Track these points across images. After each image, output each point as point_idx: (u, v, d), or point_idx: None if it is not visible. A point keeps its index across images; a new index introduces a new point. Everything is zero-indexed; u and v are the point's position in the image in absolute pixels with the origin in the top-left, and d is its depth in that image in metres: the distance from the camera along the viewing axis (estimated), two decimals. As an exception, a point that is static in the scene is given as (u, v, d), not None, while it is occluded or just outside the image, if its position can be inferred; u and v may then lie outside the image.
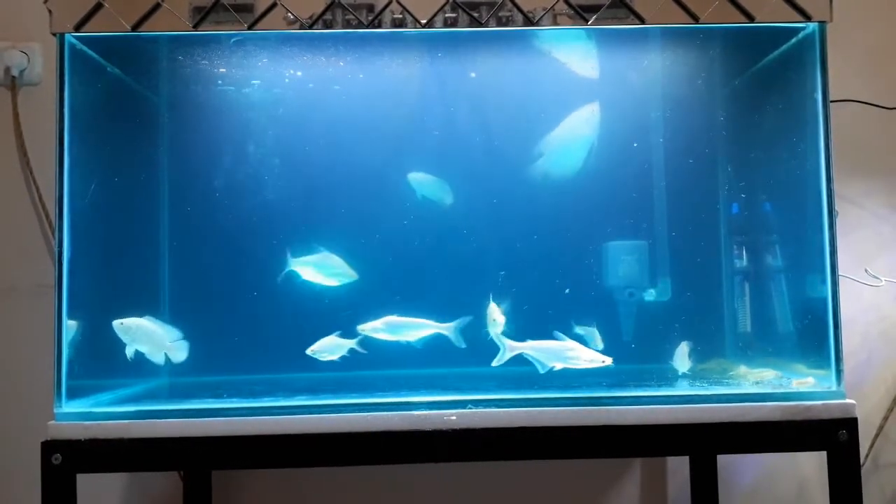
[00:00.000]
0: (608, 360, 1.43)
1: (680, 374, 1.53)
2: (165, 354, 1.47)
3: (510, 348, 1.45)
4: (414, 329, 1.53)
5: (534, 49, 1.68)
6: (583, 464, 1.90)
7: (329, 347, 1.49)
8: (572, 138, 1.68)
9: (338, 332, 1.51)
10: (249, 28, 1.38)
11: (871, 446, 1.88)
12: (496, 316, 1.47)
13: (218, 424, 1.30)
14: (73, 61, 1.39)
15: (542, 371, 1.44)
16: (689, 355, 1.55)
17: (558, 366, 1.44)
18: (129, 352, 1.43)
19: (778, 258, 1.66)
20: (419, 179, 1.68)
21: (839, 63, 1.48)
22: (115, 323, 1.43)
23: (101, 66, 1.52)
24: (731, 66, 1.71)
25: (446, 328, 1.53)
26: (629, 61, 1.72)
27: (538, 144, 1.68)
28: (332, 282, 1.59)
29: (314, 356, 1.49)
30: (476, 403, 1.33)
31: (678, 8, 1.37)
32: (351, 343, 1.50)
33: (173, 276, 1.73)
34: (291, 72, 1.71)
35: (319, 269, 1.60)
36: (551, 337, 1.45)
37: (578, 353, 1.44)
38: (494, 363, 1.46)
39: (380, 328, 1.52)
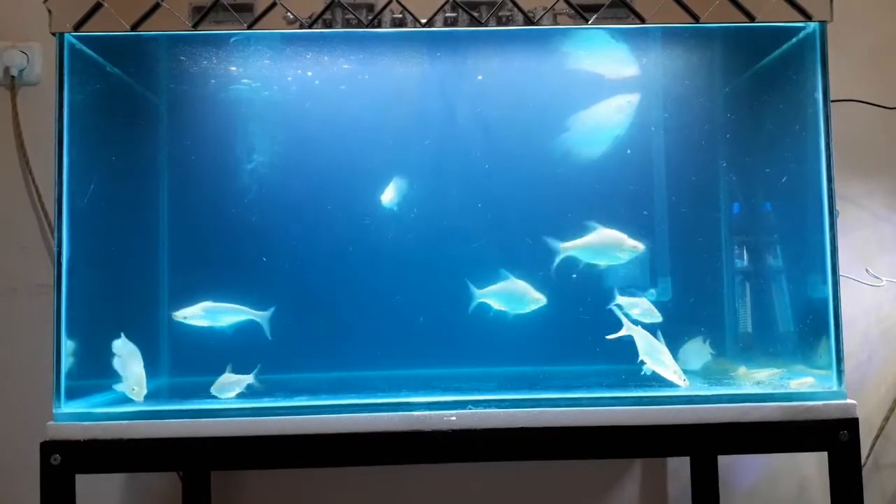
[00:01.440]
0: (687, 383, 1.39)
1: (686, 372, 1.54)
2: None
3: (627, 327, 1.46)
4: (229, 314, 1.51)
5: (535, 47, 1.68)
6: (583, 464, 1.89)
7: (226, 386, 1.44)
8: (602, 122, 1.65)
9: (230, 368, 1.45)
10: (249, 28, 1.38)
11: (872, 447, 1.87)
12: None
13: (218, 424, 1.30)
14: (73, 61, 1.39)
15: (637, 361, 1.43)
16: (695, 354, 1.55)
17: (647, 363, 1.42)
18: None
19: (779, 258, 1.65)
20: (387, 198, 1.65)
21: (839, 63, 1.48)
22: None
23: (101, 66, 1.52)
24: (731, 66, 1.71)
25: (260, 315, 1.52)
26: (629, 61, 1.72)
27: (567, 119, 1.65)
28: (519, 310, 1.53)
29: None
30: (476, 404, 1.33)
31: (678, 7, 1.37)
32: (248, 378, 1.45)
33: (173, 275, 1.72)
34: (292, 71, 1.71)
35: (505, 299, 1.53)
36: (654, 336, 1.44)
37: (667, 360, 1.42)
38: (610, 336, 1.45)
39: (198, 314, 1.50)
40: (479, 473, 1.88)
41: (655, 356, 1.42)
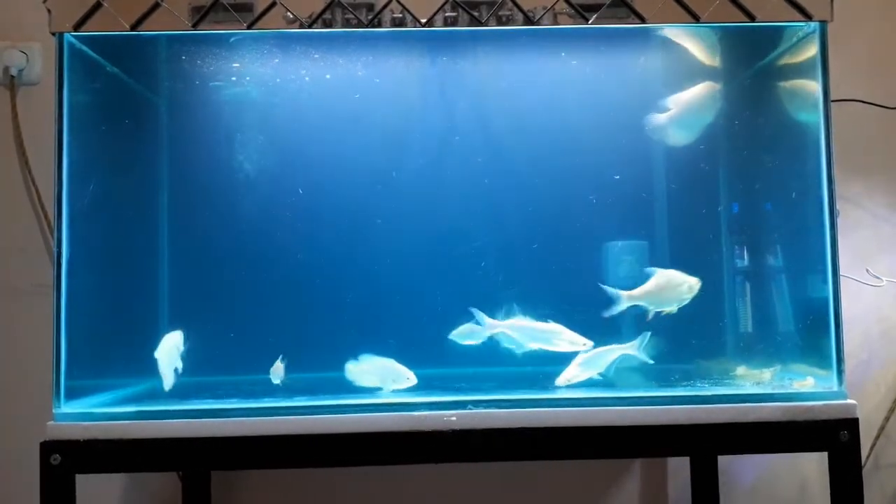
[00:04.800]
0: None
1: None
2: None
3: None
4: None
5: (536, 46, 1.68)
6: (583, 464, 1.89)
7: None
8: (700, 108, 1.59)
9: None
10: (249, 27, 1.38)
11: (873, 447, 1.87)
12: None
13: (218, 425, 1.30)
14: (72, 61, 1.39)
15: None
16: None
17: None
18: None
19: (779, 258, 1.65)
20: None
21: (839, 63, 1.48)
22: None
23: (101, 66, 1.52)
24: (730, 65, 1.70)
25: None
26: (627, 59, 1.72)
27: (665, 99, 1.58)
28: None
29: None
30: (476, 404, 1.33)
31: (679, 7, 1.37)
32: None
33: (173, 275, 1.72)
34: (291, 70, 1.71)
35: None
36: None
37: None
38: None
39: None
40: (479, 473, 1.88)
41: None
